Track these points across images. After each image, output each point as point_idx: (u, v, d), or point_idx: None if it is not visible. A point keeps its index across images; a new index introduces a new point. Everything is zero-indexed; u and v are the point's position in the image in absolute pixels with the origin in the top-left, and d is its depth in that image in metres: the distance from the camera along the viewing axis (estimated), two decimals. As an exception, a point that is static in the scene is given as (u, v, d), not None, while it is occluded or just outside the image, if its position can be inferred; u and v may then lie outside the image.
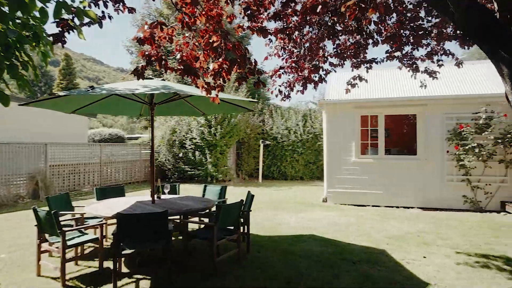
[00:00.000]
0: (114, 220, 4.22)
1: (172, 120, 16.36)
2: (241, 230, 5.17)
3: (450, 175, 9.26)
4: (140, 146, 17.07)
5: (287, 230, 6.84)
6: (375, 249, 5.60)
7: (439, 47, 5.68)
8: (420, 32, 4.90)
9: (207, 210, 5.14)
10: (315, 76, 5.00)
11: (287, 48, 4.93)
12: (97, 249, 4.75)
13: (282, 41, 4.80)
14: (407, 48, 5.60)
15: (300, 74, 4.95)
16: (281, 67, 5.04)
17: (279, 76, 5.08)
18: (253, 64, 3.46)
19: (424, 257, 5.20)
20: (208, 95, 3.62)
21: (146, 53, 3.42)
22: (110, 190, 6.50)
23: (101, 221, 4.89)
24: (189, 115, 14.81)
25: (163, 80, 5.76)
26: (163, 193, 5.89)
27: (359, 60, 5.40)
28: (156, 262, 5.03)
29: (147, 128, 24.78)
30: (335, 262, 4.94)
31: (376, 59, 5.51)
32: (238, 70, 3.38)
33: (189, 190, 12.15)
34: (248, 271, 4.60)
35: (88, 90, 4.15)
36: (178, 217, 5.74)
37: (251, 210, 5.51)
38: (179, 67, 3.41)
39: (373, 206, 9.62)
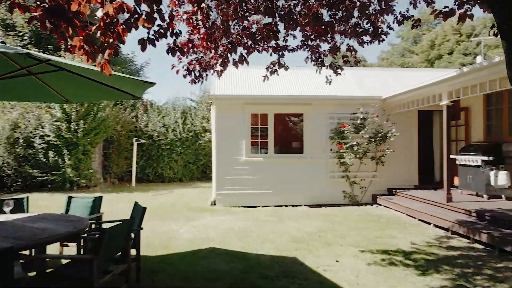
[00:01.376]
0: None
1: (13, 111, 12.75)
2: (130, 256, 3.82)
3: (332, 172, 9.69)
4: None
5: (182, 245, 5.69)
6: (286, 258, 5.05)
7: (342, 43, 5.56)
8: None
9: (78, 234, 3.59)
10: (234, 56, 4.09)
11: (198, 18, 3.87)
12: None
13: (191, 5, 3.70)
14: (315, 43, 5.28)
15: (215, 51, 3.97)
16: (190, 40, 3.93)
17: (187, 51, 3.96)
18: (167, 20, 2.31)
19: (337, 261, 4.91)
20: (91, 62, 2.28)
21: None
22: None
23: None
24: (43, 102, 11.77)
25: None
26: (2, 212, 3.99)
27: (271, 45, 4.74)
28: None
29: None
30: (251, 282, 4.14)
31: (289, 46, 4.96)
32: (145, 24, 2.18)
33: (42, 204, 9.52)
34: (144, 314, 3.35)
35: None
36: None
37: (142, 228, 4.19)
38: (39, 4, 1.98)
39: (263, 206, 9.29)
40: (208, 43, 3.93)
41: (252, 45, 4.44)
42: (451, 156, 8.86)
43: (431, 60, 33.01)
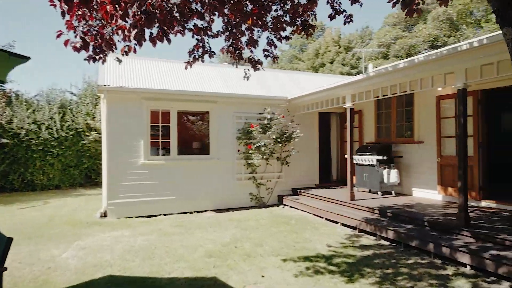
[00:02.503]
0: None
1: None
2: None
3: (239, 173, 9.28)
4: None
5: (67, 277, 4.39)
6: (205, 279, 4.31)
7: (259, 36, 5.11)
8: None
9: None
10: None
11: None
12: None
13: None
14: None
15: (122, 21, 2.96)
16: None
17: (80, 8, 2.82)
18: None
19: (263, 276, 4.41)
20: None
21: None
22: None
23: None
24: None
25: None
26: None
27: (189, 28, 3.94)
28: None
29: None
30: (169, 320, 3.29)
31: (210, 29, 4.22)
32: None
33: None
34: None
35: None
36: None
37: (5, 269, 2.91)
38: None
39: (165, 215, 8.27)
40: (114, 6, 2.92)
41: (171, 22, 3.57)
42: (347, 156, 9.42)
43: (315, 68, 36.07)
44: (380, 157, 8.25)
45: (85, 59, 3.62)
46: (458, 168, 5.34)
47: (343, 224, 7.08)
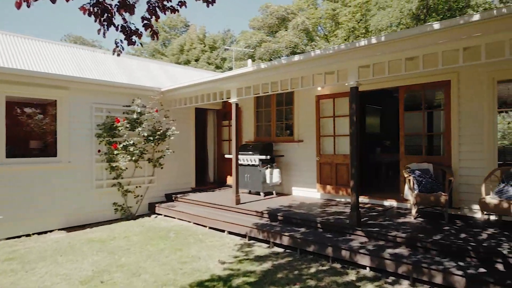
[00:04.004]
0: None
1: None
2: None
3: (100, 180, 7.45)
4: None
5: None
6: None
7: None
8: None
9: None
10: None
11: None
12: None
13: None
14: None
15: None
16: None
17: None
18: None
19: (149, 324, 3.19)
20: None
21: None
22: None
23: None
24: None
25: None
26: None
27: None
28: None
29: None
30: None
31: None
32: None
33: None
34: None
35: None
36: None
37: None
38: None
39: (-14, 243, 5.84)
40: None
41: None
42: (227, 156, 8.80)
43: (180, 64, 34.79)
44: (263, 157, 7.89)
45: None
46: (350, 167, 5.29)
47: (231, 232, 6.34)
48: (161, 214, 8.04)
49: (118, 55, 4.11)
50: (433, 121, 7.19)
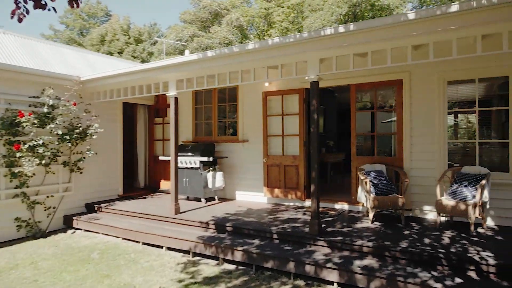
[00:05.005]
0: None
1: None
2: None
3: (-3, 190, 5.86)
4: None
5: None
6: None
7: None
8: None
9: None
10: None
11: None
12: None
13: None
14: None
15: None
16: None
17: None
18: None
19: None
20: None
21: None
22: None
23: None
24: None
25: None
26: None
27: None
28: None
29: None
30: None
31: None
32: None
33: None
34: None
35: None
36: None
37: None
38: None
39: None
40: None
41: None
42: (162, 158, 7.76)
43: (101, 56, 31.62)
44: (205, 159, 7.03)
45: None
46: (311, 170, 4.78)
47: (170, 248, 5.40)
48: (80, 229, 6.66)
49: (20, 20, 2.97)
50: (383, 121, 7.14)
